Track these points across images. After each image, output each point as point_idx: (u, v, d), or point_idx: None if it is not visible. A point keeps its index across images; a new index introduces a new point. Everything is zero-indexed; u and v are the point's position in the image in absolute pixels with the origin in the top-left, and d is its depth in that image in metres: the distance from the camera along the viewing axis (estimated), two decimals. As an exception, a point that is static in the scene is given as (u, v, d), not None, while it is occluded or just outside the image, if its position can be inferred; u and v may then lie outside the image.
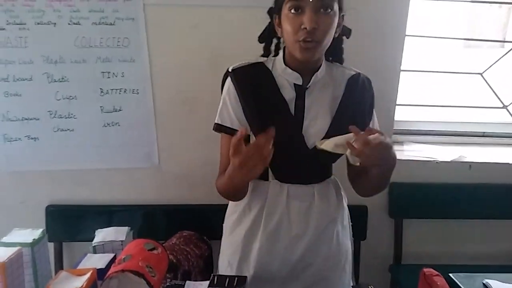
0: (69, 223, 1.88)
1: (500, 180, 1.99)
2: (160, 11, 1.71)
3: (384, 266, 2.03)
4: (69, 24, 1.70)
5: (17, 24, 1.70)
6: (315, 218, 1.24)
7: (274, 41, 1.26)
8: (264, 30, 1.25)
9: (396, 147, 2.05)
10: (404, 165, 1.97)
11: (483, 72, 2.08)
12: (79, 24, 1.71)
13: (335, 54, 1.28)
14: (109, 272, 1.02)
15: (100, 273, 1.07)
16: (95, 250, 1.21)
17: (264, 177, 1.27)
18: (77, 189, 1.90)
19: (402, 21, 1.83)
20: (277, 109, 1.19)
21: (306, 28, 1.06)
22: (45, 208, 1.89)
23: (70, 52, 1.73)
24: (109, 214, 1.89)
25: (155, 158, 1.88)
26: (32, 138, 1.81)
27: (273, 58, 1.25)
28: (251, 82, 1.20)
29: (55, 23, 1.70)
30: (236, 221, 1.32)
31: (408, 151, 2.07)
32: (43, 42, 1.72)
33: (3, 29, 1.70)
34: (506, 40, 2.36)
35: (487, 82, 2.08)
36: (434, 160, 1.98)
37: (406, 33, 1.89)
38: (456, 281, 1.37)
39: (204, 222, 1.84)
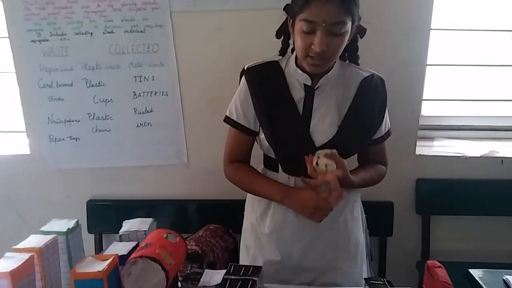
0: (107, 216, 2.03)
1: (534, 176, 1.91)
2: (186, 17, 1.81)
3: (411, 263, 2.01)
4: (104, 33, 1.85)
5: (59, 35, 1.86)
6: None
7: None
8: (281, 25, 1.28)
9: (425, 143, 2.05)
10: (432, 160, 1.96)
11: (516, 64, 2.00)
12: (113, 32, 1.85)
13: (350, 54, 1.31)
14: (129, 258, 1.12)
15: (123, 259, 1.17)
16: (121, 239, 1.32)
17: (274, 168, 1.33)
18: (114, 185, 2.05)
19: (427, 15, 1.81)
20: (285, 108, 1.24)
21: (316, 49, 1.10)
22: (86, 203, 2.06)
23: (105, 59, 1.88)
24: (142, 208, 2.02)
25: (184, 156, 1.99)
26: (74, 138, 1.98)
27: (288, 57, 1.30)
28: (263, 80, 1.27)
29: (91, 33, 1.85)
30: (250, 209, 1.40)
31: (437, 147, 2.04)
32: (82, 50, 1.87)
33: (47, 40, 1.87)
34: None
35: (521, 74, 2.00)
36: (463, 156, 1.94)
37: (432, 27, 1.88)
38: (475, 276, 1.35)
39: (230, 216, 1.90)
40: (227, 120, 1.33)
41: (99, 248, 2.03)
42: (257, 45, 1.36)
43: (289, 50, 1.32)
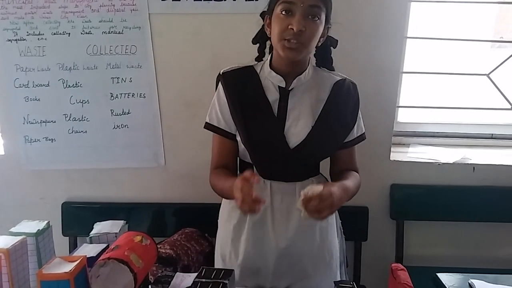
0: (83, 219, 2.00)
1: (504, 183, 1.96)
2: (165, 19, 1.82)
3: (385, 267, 2.02)
4: (81, 33, 1.84)
5: (36, 34, 1.85)
6: (296, 214, 1.29)
7: (268, 43, 1.33)
8: (258, 32, 1.32)
9: (400, 149, 2.09)
10: (406, 166, 1.99)
11: (489, 73, 2.06)
12: (91, 33, 1.84)
13: (325, 63, 1.35)
14: (98, 259, 1.12)
15: (91, 261, 1.17)
16: (91, 241, 1.31)
17: None
18: (90, 187, 2.03)
19: (402, 23, 1.85)
20: (260, 110, 1.26)
21: (293, 29, 1.13)
22: (62, 205, 2.03)
23: (83, 59, 1.86)
24: (118, 211, 2.00)
25: (161, 158, 1.98)
26: (49, 139, 1.96)
27: (263, 62, 1.33)
28: (239, 84, 1.29)
29: (69, 33, 1.84)
30: (226, 216, 1.39)
31: (411, 153, 2.07)
32: (59, 50, 1.86)
33: (24, 39, 1.85)
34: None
35: (494, 83, 2.06)
36: (436, 162, 1.97)
37: (408, 35, 1.92)
38: (442, 280, 1.38)
39: (206, 220, 1.88)
40: (208, 126, 1.33)
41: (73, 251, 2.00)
42: (235, 48, 1.38)
43: (265, 58, 1.35)
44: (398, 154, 2.03)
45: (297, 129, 1.26)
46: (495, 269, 1.96)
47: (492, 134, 2.14)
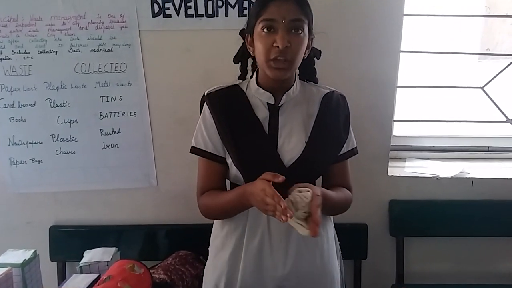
0: (71, 243, 1.93)
1: (503, 196, 1.93)
2: (155, 36, 1.77)
3: (386, 286, 1.99)
4: (69, 51, 1.78)
5: (22, 53, 1.79)
6: (295, 236, 1.24)
7: (250, 61, 1.30)
8: (238, 51, 1.29)
9: (397, 164, 2.06)
10: (404, 182, 1.96)
11: (484, 86, 2.05)
12: (79, 51, 1.78)
13: (309, 74, 1.32)
14: (88, 292, 1.05)
15: (81, 294, 1.10)
16: (81, 271, 1.25)
17: None
18: (79, 210, 1.96)
19: (397, 38, 1.83)
20: (251, 129, 1.22)
21: (278, 47, 1.10)
22: (49, 229, 1.95)
23: (70, 78, 1.81)
24: (109, 234, 1.93)
25: (153, 178, 1.92)
26: (36, 161, 1.89)
27: (248, 80, 1.30)
28: (225, 104, 1.25)
29: (56, 51, 1.78)
30: (220, 244, 1.33)
31: (409, 168, 2.04)
32: (46, 69, 1.80)
33: (9, 58, 1.79)
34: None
35: (488, 96, 2.05)
36: (435, 177, 1.94)
37: (402, 49, 1.90)
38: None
39: (201, 241, 1.83)
40: (194, 150, 1.28)
41: (62, 278, 1.92)
42: (228, 65, 1.34)
43: (248, 76, 1.32)
44: (396, 169, 2.00)
45: (290, 146, 1.22)
46: (497, 284, 1.94)
47: (488, 147, 2.12)
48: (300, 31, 1.13)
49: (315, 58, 1.30)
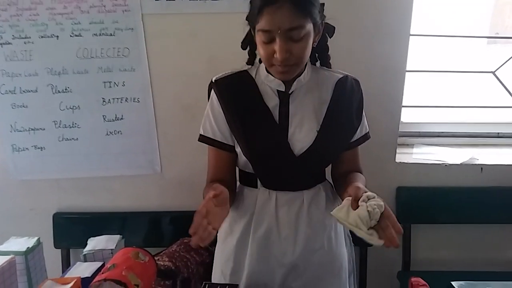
0: (75, 230, 1.92)
1: (513, 183, 1.90)
2: (158, 20, 1.73)
3: (392, 273, 1.97)
4: (71, 36, 1.74)
5: (22, 38, 1.75)
6: (304, 225, 1.22)
7: None
8: (246, 36, 1.23)
9: (405, 150, 2.03)
10: (412, 168, 1.93)
11: (495, 71, 2.00)
12: (81, 36, 1.74)
13: (320, 55, 1.26)
14: (93, 281, 1.03)
15: (86, 282, 1.08)
16: (85, 259, 1.23)
17: (253, 184, 1.26)
18: (82, 197, 1.94)
19: (406, 21, 1.77)
20: (260, 117, 1.18)
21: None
22: (53, 216, 1.93)
23: (72, 63, 1.77)
24: (113, 221, 1.91)
25: (157, 165, 1.89)
26: (38, 148, 1.86)
27: (257, 65, 1.24)
28: (234, 91, 1.20)
29: (57, 36, 1.74)
30: (227, 229, 1.31)
31: (417, 154, 2.01)
32: (47, 54, 1.76)
33: (10, 43, 1.75)
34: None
35: (500, 81, 2.00)
36: (443, 163, 1.91)
37: (411, 33, 1.85)
38: (458, 290, 1.31)
39: (206, 228, 1.83)
40: (203, 139, 1.24)
41: (66, 265, 1.91)
42: (233, 49, 1.30)
43: (257, 60, 1.26)
44: (403, 156, 1.97)
45: (301, 135, 1.17)
46: (505, 272, 1.92)
47: (498, 132, 2.08)
48: (301, 35, 1.04)
49: (327, 35, 1.22)
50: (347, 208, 0.98)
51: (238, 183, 1.32)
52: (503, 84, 2.00)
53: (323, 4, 1.11)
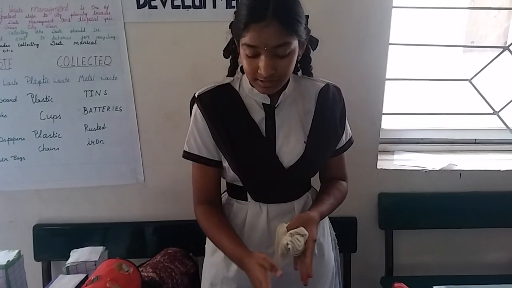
0: (56, 242, 1.88)
1: (491, 188, 1.95)
2: (141, 28, 1.72)
3: (375, 278, 2.00)
4: (51, 44, 1.72)
5: (1, 46, 1.71)
6: None
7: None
8: (228, 44, 1.20)
9: (385, 157, 2.06)
10: (393, 174, 1.96)
11: (471, 78, 2.06)
12: (62, 44, 1.72)
13: (302, 67, 1.26)
14: (76, 293, 1.02)
15: (69, 295, 1.07)
16: (68, 271, 1.21)
17: (243, 197, 1.26)
18: (64, 208, 1.91)
19: (385, 30, 1.81)
20: (247, 132, 1.17)
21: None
22: (33, 228, 1.89)
23: (53, 72, 1.74)
24: (95, 233, 1.89)
25: (140, 174, 1.88)
26: (18, 158, 1.83)
27: (240, 77, 1.23)
28: (219, 106, 1.18)
29: (38, 44, 1.72)
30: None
31: (397, 160, 2.05)
32: (27, 63, 1.73)
33: (-12, 51, 1.73)
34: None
35: (476, 88, 2.06)
36: (423, 169, 1.95)
37: (390, 42, 1.89)
38: (440, 294, 1.34)
39: (190, 238, 1.81)
40: (188, 155, 1.22)
41: (47, 278, 1.87)
42: (216, 58, 1.30)
43: (239, 69, 1.23)
44: (385, 162, 2.00)
45: (289, 147, 1.18)
46: (484, 275, 1.96)
47: (475, 139, 2.14)
48: (287, 52, 1.03)
49: (310, 47, 1.21)
50: (285, 230, 1.07)
51: (226, 194, 1.32)
52: (479, 92, 2.06)
53: (307, 17, 1.11)
